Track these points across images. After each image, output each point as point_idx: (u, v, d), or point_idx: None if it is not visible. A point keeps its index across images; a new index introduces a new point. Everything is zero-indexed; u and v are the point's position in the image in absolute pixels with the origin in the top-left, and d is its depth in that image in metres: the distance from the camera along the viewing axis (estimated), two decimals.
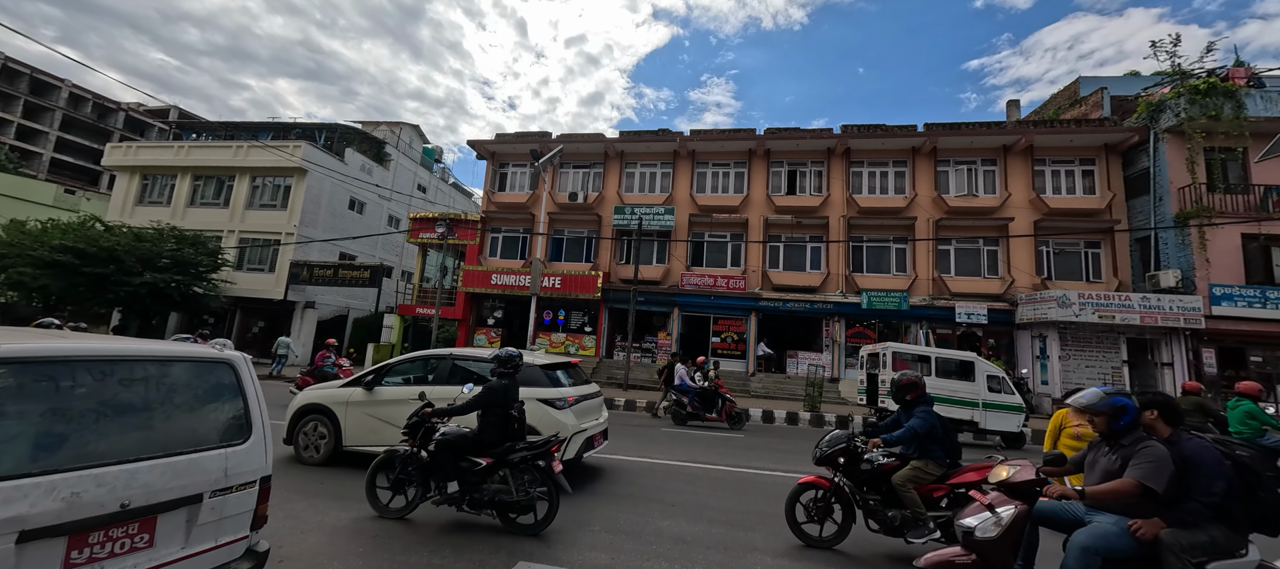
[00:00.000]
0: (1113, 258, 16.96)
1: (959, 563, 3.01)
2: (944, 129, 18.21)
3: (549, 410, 5.50)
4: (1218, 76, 15.95)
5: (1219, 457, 2.69)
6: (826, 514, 4.40)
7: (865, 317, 17.93)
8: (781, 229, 19.50)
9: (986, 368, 11.00)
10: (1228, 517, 2.64)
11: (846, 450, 4.38)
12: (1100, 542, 2.73)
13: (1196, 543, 2.61)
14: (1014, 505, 2.99)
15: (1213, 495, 2.61)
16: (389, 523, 4.41)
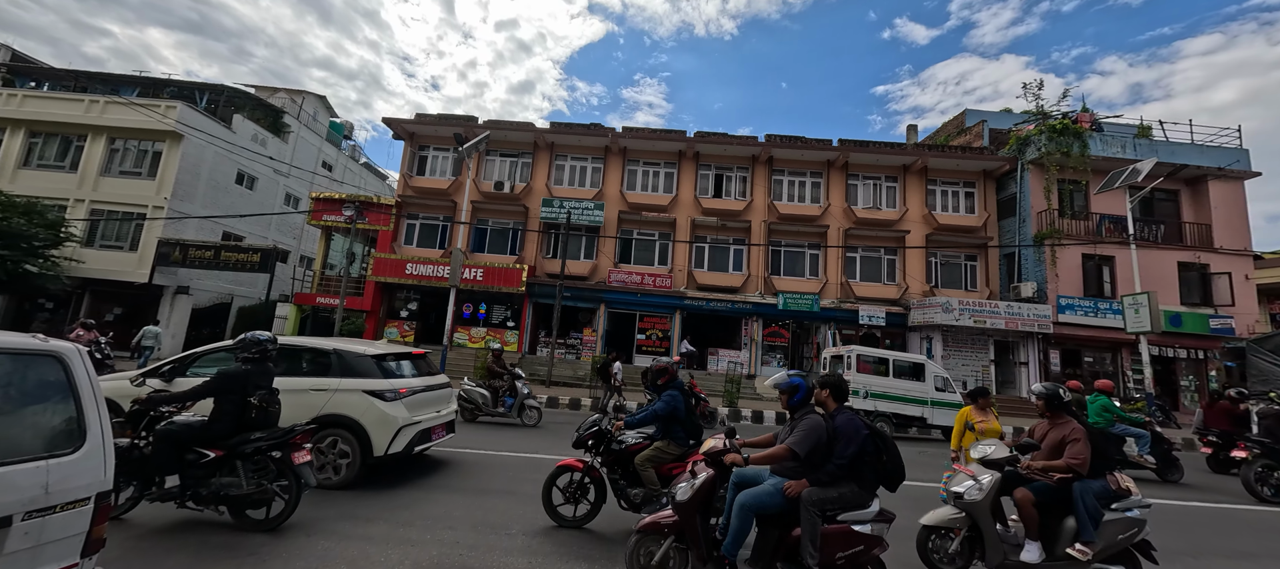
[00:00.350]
0: (986, 270, 19.37)
1: (664, 523, 3.32)
2: (855, 146, 19.74)
3: (374, 403, 5.29)
4: (1069, 119, 18.74)
5: (859, 427, 3.19)
6: (583, 495, 4.60)
7: (781, 317, 18.99)
8: (707, 231, 20.10)
9: (935, 369, 11.87)
10: (858, 476, 3.16)
11: (597, 433, 4.58)
12: (753, 499, 3.16)
13: (828, 498, 3.10)
14: (707, 471, 3.36)
15: (845, 458, 3.11)
16: None
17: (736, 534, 3.16)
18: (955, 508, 3.94)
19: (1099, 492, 3.75)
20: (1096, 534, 3.65)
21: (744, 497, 3.19)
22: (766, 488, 3.21)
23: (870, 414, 11.55)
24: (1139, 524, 3.74)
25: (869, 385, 11.44)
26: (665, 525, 3.33)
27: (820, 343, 19.02)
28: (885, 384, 11.53)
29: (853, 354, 12.02)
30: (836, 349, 13.06)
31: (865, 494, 3.20)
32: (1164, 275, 17.33)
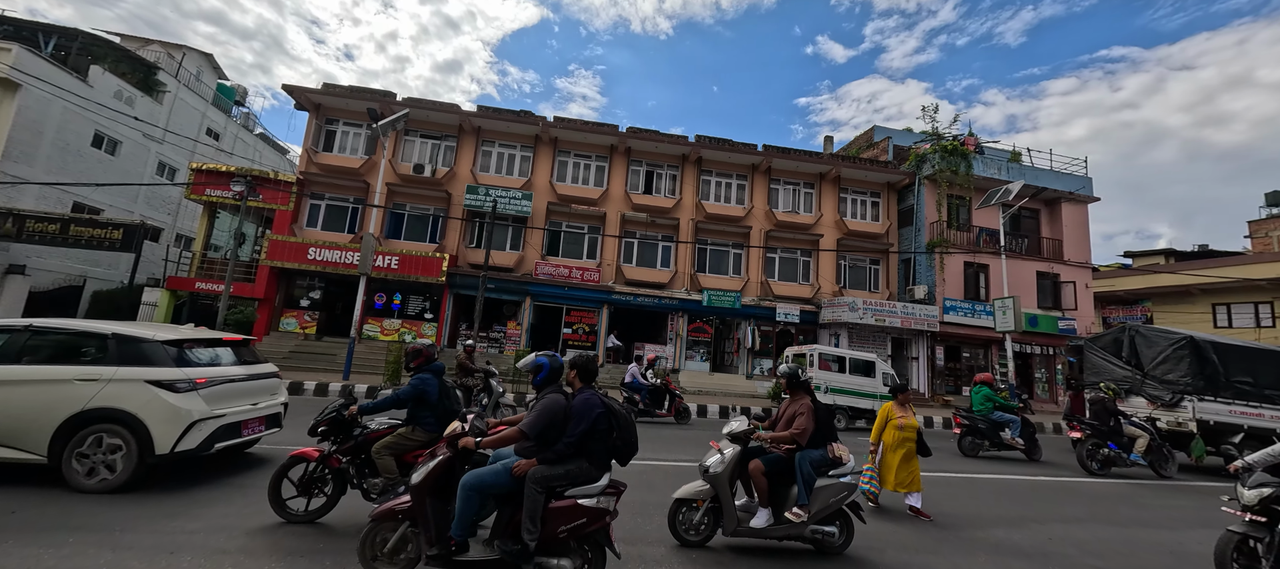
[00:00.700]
0: (887, 273, 21.29)
1: (398, 509, 3.25)
2: (778, 152, 20.79)
3: (159, 394, 4.73)
4: (958, 142, 21.03)
5: (593, 407, 3.27)
6: (320, 486, 4.32)
7: (705, 313, 19.62)
8: (637, 226, 20.25)
9: (883, 367, 12.92)
10: (588, 453, 3.26)
11: (335, 420, 4.30)
12: (477, 480, 3.17)
13: (555, 475, 3.17)
14: (443, 454, 3.35)
15: (573, 436, 3.20)
16: None
17: (461, 515, 3.13)
18: (703, 481, 4.20)
19: (818, 460, 4.19)
20: (811, 498, 4.07)
21: (468, 477, 3.18)
22: (494, 468, 3.25)
23: (829, 408, 12.49)
24: (849, 488, 4.21)
25: (829, 382, 12.40)
26: (399, 511, 3.23)
27: (741, 338, 19.90)
28: (842, 381, 12.53)
29: (815, 353, 12.84)
30: (800, 348, 13.80)
31: (594, 469, 3.27)
32: (1026, 282, 20.05)
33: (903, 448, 5.50)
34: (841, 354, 13.12)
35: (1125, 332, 11.14)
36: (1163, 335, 10.37)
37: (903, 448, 5.50)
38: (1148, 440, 8.94)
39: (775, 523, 4.11)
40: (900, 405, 5.65)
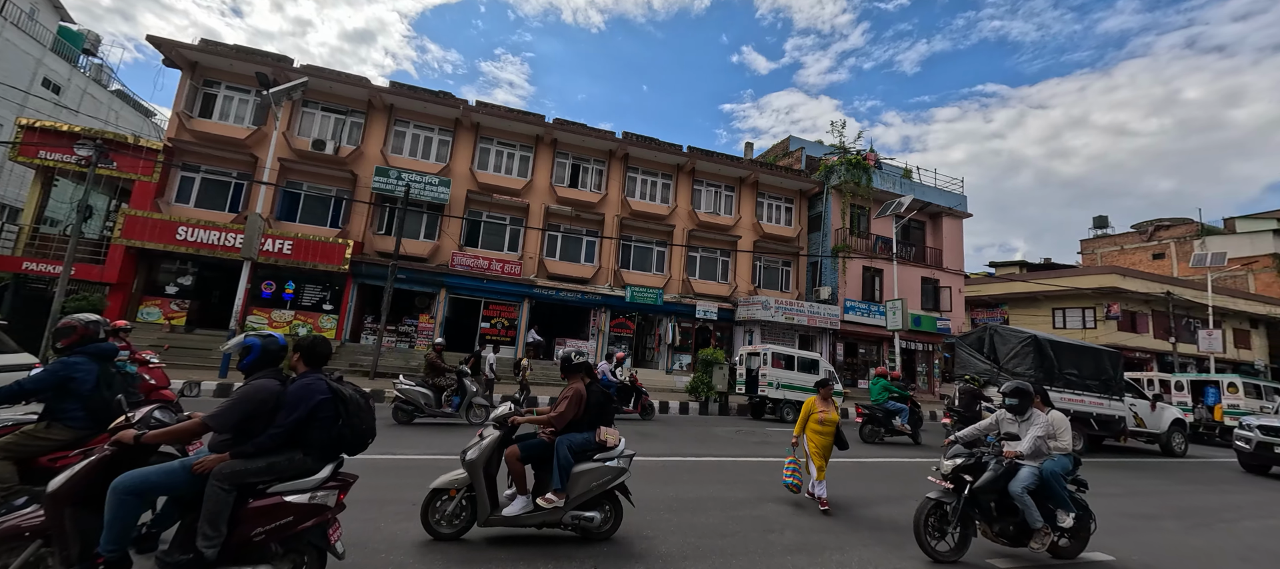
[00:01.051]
0: (796, 275, 22.80)
1: (25, 525, 2.65)
2: (702, 154, 21.45)
3: None
4: (861, 156, 23.00)
5: (312, 394, 2.92)
6: None
7: (627, 309, 19.81)
8: (561, 220, 19.94)
9: (825, 365, 13.95)
10: (304, 443, 2.90)
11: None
12: (138, 481, 2.63)
13: (252, 470, 2.75)
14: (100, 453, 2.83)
15: (282, 427, 2.82)
16: None
17: (112, 525, 2.55)
18: (464, 469, 4.02)
19: (580, 444, 4.12)
20: (569, 483, 4.01)
21: (123, 479, 2.60)
22: (165, 466, 2.78)
23: (777, 402, 13.48)
24: (616, 471, 4.14)
25: (778, 378, 13.52)
26: (27, 528, 2.62)
27: (662, 334, 20.34)
28: (790, 377, 13.63)
29: (769, 351, 13.77)
30: (754, 347, 14.62)
31: (313, 462, 2.93)
32: (912, 286, 22.44)
33: (822, 441, 5.66)
34: (791, 353, 14.24)
35: (986, 331, 12.82)
36: (1014, 334, 12.07)
37: (822, 441, 5.66)
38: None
39: (531, 510, 3.99)
40: (822, 400, 5.78)
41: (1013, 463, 4.44)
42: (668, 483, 6.34)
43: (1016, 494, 4.26)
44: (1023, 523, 4.30)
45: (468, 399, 9.33)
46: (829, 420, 5.64)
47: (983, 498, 4.38)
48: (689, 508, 5.39)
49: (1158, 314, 27.16)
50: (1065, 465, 4.55)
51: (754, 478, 6.93)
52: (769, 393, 13.38)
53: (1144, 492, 7.80)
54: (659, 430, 10.51)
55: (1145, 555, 4.97)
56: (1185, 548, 5.30)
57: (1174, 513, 6.64)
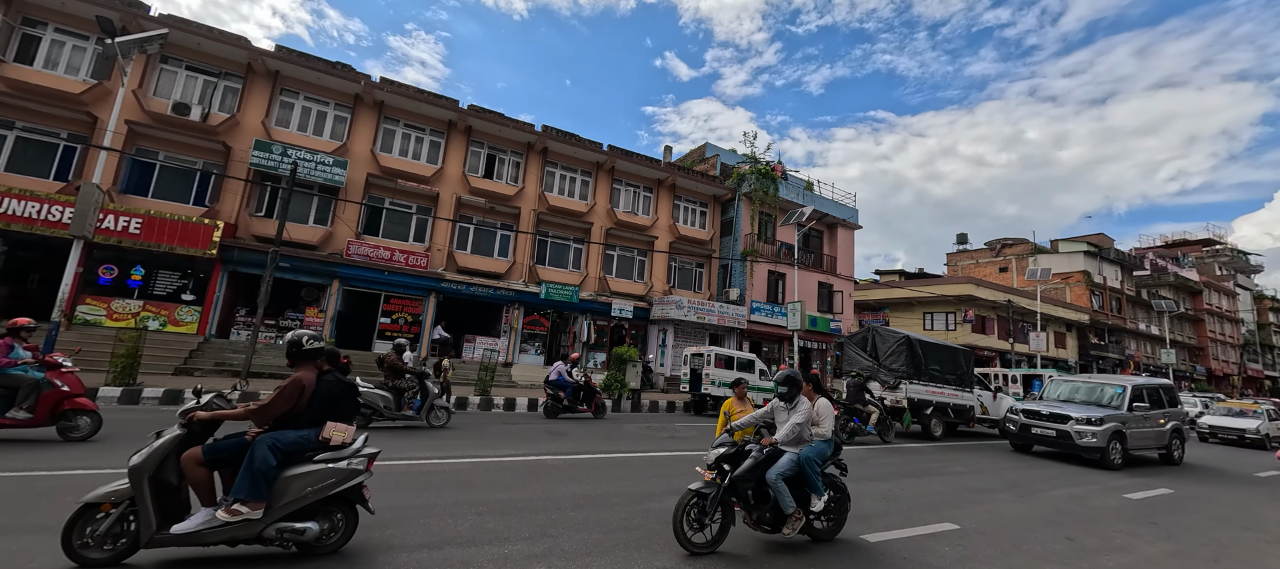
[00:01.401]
0: (709, 276, 23.80)
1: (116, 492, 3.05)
2: (622, 154, 21.60)
3: None
4: (770, 167, 24.55)
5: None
6: None
7: (542, 306, 19.42)
8: (474, 211, 19.05)
9: (760, 364, 15.33)
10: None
11: None
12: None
13: None
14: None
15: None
16: None
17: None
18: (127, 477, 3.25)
19: (293, 443, 3.46)
20: (275, 489, 3.34)
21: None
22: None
23: (718, 399, 14.28)
24: (346, 474, 3.54)
25: (719, 377, 14.65)
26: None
27: (577, 332, 20.20)
28: (729, 375, 14.78)
29: (712, 353, 15.08)
30: (698, 349, 15.61)
31: None
32: (811, 290, 24.40)
33: None
34: (731, 354, 15.62)
35: (870, 332, 14.30)
36: (892, 334, 13.59)
37: None
38: (877, 414, 11.62)
39: (213, 525, 3.22)
40: (739, 400, 5.72)
41: (775, 450, 4.47)
42: (575, 480, 6.32)
43: (771, 481, 4.31)
44: (779, 508, 4.33)
45: (429, 401, 9.07)
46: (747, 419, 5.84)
47: (741, 486, 4.35)
48: (595, 504, 5.41)
49: (1001, 318, 32.03)
50: (823, 451, 4.66)
51: (663, 472, 7.12)
52: (711, 390, 14.51)
53: (984, 470, 9.15)
54: (568, 428, 10.43)
55: (981, 523, 5.83)
56: (1010, 514, 6.31)
57: (1005, 486, 7.87)
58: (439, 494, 5.31)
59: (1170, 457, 11.46)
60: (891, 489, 7.11)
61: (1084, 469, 9.82)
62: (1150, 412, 11.06)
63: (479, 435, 9.01)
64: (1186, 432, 12.34)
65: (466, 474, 6.26)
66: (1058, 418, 10.54)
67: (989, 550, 4.99)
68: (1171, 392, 12.39)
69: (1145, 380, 12.06)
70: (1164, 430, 11.28)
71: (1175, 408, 12.01)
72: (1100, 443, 9.83)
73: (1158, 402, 11.54)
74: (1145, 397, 11.24)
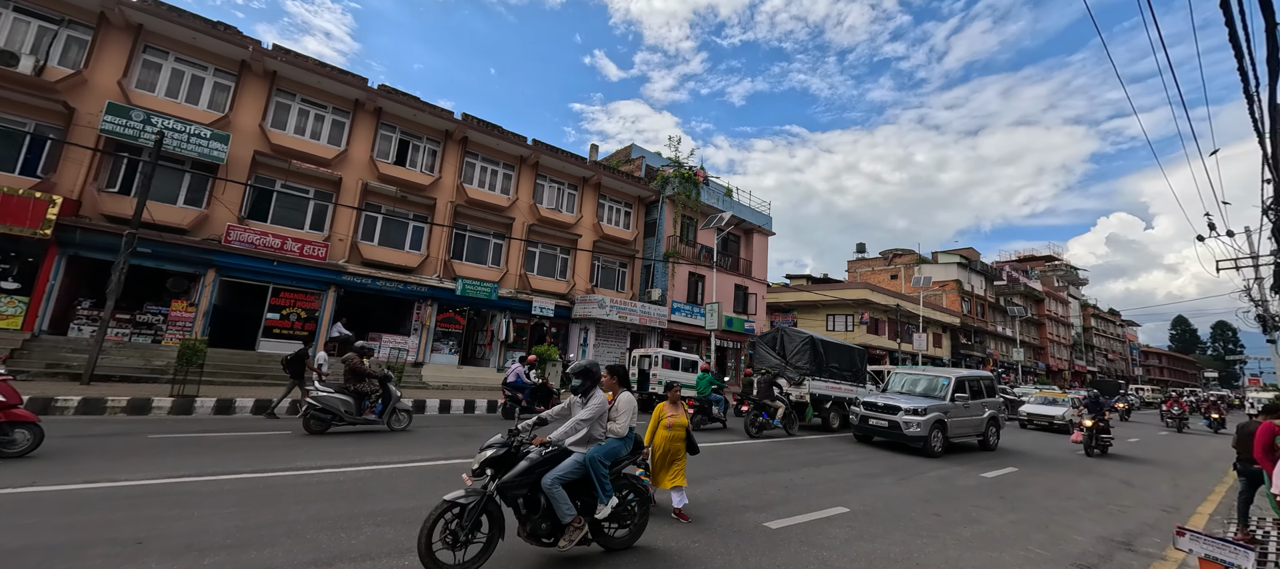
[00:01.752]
0: (631, 276, 24.08)
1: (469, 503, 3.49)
2: (547, 149, 21.17)
3: None
4: (693, 172, 25.35)
5: None
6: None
7: (458, 303, 18.52)
8: (383, 200, 17.70)
9: (702, 364, 15.91)
10: None
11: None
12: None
13: None
14: None
15: None
16: None
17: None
18: None
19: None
20: None
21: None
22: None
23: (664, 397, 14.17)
24: None
25: (666, 377, 15.53)
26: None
27: (495, 331, 19.51)
28: (675, 376, 15.77)
29: (659, 354, 16.10)
30: (646, 350, 16.41)
31: None
32: (728, 292, 25.54)
33: (670, 446, 5.30)
34: (676, 356, 16.66)
35: (779, 332, 15.26)
36: (798, 334, 14.61)
37: (670, 446, 5.30)
38: (783, 409, 12.45)
39: None
40: (671, 404, 5.46)
41: (561, 450, 3.92)
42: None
43: (545, 486, 3.70)
44: (556, 517, 3.75)
45: (392, 405, 9.01)
46: (677, 425, 5.33)
47: (511, 492, 3.68)
48: None
49: (891, 321, 35.67)
50: (615, 450, 4.15)
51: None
52: (658, 390, 15.18)
53: (872, 458, 10.15)
54: (480, 429, 10.06)
55: (868, 505, 6.47)
56: (892, 495, 7.06)
57: (888, 471, 8.78)
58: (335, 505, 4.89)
59: (986, 442, 12.23)
60: (793, 479, 7.64)
61: (944, 456, 11.21)
62: (971, 401, 11.82)
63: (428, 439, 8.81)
64: (1002, 419, 13.24)
65: (366, 482, 5.82)
66: (889, 409, 11.01)
67: (873, 528, 5.55)
68: (990, 382, 13.16)
69: (967, 372, 12.76)
70: (982, 418, 12.13)
71: (992, 397, 12.86)
72: (923, 432, 10.48)
73: (978, 392, 12.32)
74: (966, 387, 11.96)
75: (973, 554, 5.01)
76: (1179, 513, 7.35)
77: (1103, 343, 69.75)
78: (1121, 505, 7.53)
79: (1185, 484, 9.55)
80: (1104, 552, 5.40)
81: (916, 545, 5.13)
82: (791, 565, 4.36)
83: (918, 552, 4.95)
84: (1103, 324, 71.16)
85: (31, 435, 5.80)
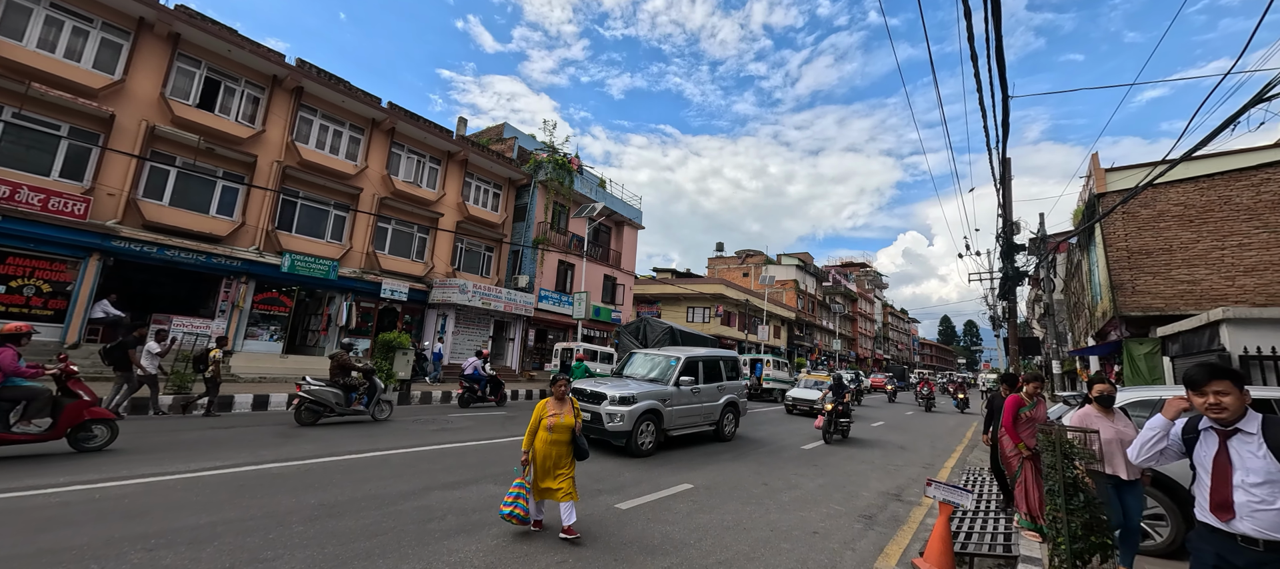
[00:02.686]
0: (498, 261, 23.07)
1: None
2: (407, 116, 19.10)
3: None
4: (567, 159, 25.08)
5: None
6: None
7: (284, 281, 15.88)
8: (180, 149, 14.32)
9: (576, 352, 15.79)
10: None
11: None
12: None
13: None
14: None
15: None
16: None
17: None
18: None
19: None
20: None
21: None
22: None
23: None
24: None
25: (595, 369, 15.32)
26: None
27: (333, 314, 17.17)
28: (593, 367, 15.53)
29: (580, 348, 16.33)
30: (567, 344, 16.64)
31: None
32: (597, 282, 25.91)
33: (554, 450, 4.55)
34: (595, 349, 17.34)
35: (642, 321, 16.02)
36: (660, 324, 15.50)
37: (554, 450, 4.55)
38: None
39: None
40: (557, 400, 4.73)
41: None
42: (318, 488, 5.41)
43: None
44: None
45: (377, 397, 9.82)
46: (561, 425, 4.57)
47: None
48: (336, 513, 4.73)
49: (742, 314, 39.65)
50: None
51: (425, 468, 6.63)
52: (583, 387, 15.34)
53: (713, 439, 11.21)
54: (317, 431, 8.85)
55: (709, 480, 7.14)
56: (730, 470, 7.88)
57: (728, 449, 9.78)
58: None
59: (721, 432, 10.26)
60: (646, 462, 8.10)
61: (767, 436, 12.87)
62: (702, 386, 9.85)
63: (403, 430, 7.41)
64: (743, 406, 11.20)
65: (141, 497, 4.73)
66: (595, 397, 8.50)
67: (712, 500, 6.16)
68: (734, 363, 11.16)
69: (702, 351, 10.74)
70: (716, 405, 10.13)
71: (735, 380, 10.92)
72: (626, 426, 8.10)
73: (714, 374, 10.30)
74: (698, 369, 9.91)
75: (789, 515, 5.85)
76: (932, 469, 9.45)
77: (895, 336, 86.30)
78: (897, 466, 9.42)
79: (940, 447, 12.31)
80: (882, 503, 6.71)
81: (746, 512, 5.82)
82: (636, 542, 4.64)
83: (746, 518, 5.62)
84: (896, 321, 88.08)
85: (109, 431, 6.23)
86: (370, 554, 3.92)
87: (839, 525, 5.65)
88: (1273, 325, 6.49)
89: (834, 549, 4.92)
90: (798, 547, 4.90)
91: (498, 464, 7.14)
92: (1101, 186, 14.14)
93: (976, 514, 5.53)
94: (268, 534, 4.16)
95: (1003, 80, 6.36)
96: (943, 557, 4.16)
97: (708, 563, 4.33)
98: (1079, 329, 21.35)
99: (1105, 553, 3.65)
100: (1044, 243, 16.05)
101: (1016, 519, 5.43)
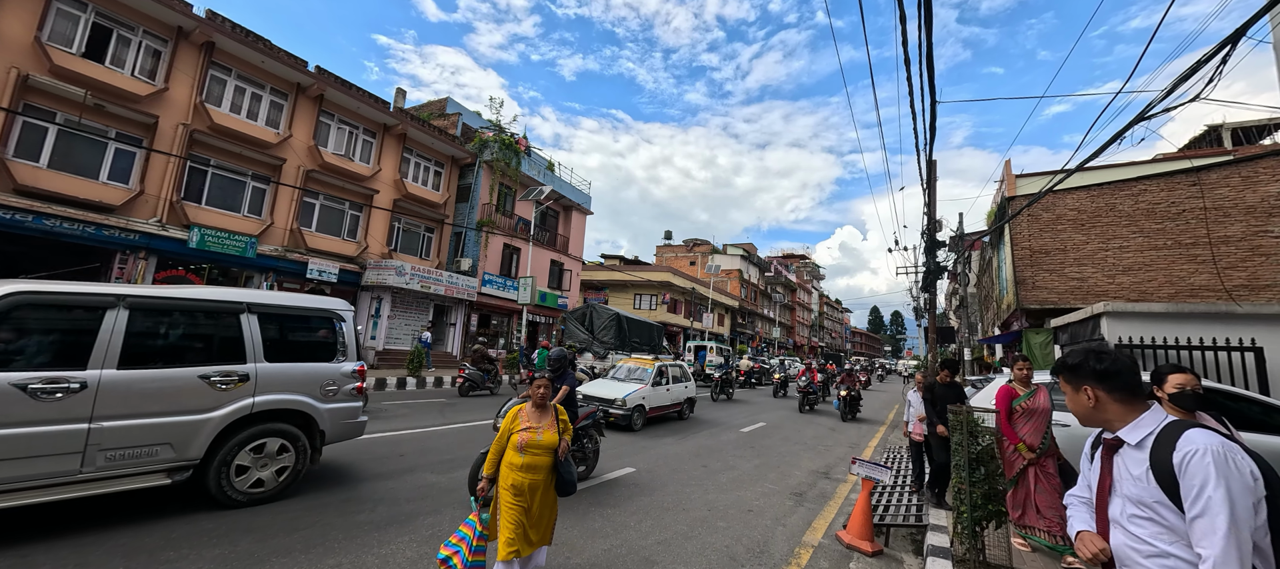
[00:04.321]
0: (439, 242, 22.09)
1: None
2: (337, 82, 17.71)
3: None
4: (515, 139, 24.29)
5: None
6: None
7: (192, 258, 14.40)
8: (62, 105, 12.52)
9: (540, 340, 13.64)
10: None
11: None
12: None
13: None
14: None
15: None
16: None
17: None
18: None
19: None
20: None
21: None
22: None
23: None
24: None
25: None
26: None
27: None
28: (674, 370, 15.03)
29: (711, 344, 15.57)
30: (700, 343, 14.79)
31: None
32: (544, 267, 25.45)
33: (525, 478, 3.02)
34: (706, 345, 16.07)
35: (589, 308, 15.94)
36: (606, 311, 15.49)
37: (525, 478, 3.02)
38: (586, 381, 13.10)
39: None
40: (537, 408, 3.22)
41: None
42: None
43: None
44: None
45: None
46: (538, 445, 3.08)
47: None
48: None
49: (687, 302, 40.41)
50: None
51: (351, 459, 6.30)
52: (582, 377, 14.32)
53: (663, 422, 11.43)
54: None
55: (651, 463, 7.29)
56: (671, 454, 8.07)
57: (670, 433, 10.01)
58: None
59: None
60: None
61: (713, 418, 13.33)
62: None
63: None
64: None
65: None
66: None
67: (653, 482, 6.29)
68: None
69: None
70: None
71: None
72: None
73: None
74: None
75: (726, 494, 6.08)
76: (858, 448, 10.13)
77: (830, 324, 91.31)
78: (827, 446, 10.02)
79: (866, 428, 13.21)
80: (812, 481, 7.12)
81: (685, 493, 5.99)
82: (578, 524, 4.67)
83: (686, 498, 5.79)
84: (831, 311, 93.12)
85: None
86: None
87: (772, 503, 5.94)
88: (1145, 318, 7.44)
89: (767, 525, 5.17)
90: (733, 524, 5.11)
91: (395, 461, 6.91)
92: (1012, 191, 15.54)
93: (894, 488, 6.00)
94: None
95: (932, 86, 6.78)
96: (863, 527, 4.49)
97: (647, 543, 4.43)
98: (988, 320, 23.51)
99: (1000, 520, 4.07)
100: (962, 240, 17.47)
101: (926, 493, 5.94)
